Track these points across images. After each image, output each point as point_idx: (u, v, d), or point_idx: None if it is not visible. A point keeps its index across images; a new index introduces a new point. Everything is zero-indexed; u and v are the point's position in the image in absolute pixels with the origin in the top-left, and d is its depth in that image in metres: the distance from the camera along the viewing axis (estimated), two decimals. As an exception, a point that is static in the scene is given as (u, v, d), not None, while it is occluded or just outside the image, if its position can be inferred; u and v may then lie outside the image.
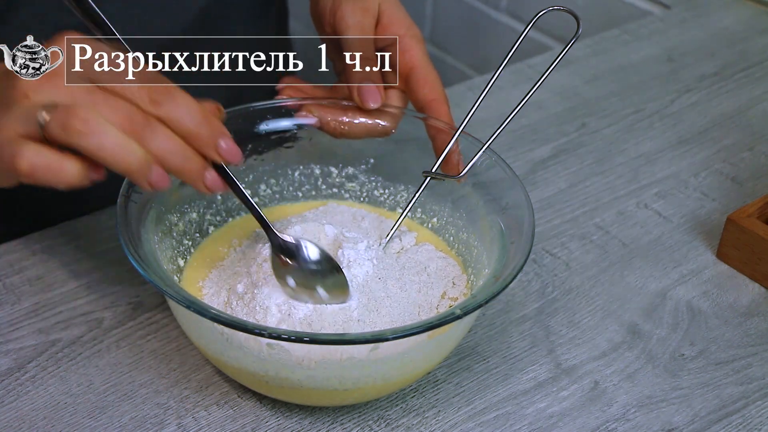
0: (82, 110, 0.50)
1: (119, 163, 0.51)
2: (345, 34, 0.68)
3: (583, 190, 0.84)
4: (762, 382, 0.67)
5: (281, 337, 0.53)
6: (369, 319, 0.61)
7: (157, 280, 0.55)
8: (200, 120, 0.53)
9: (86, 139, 0.50)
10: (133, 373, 0.64)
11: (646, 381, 0.66)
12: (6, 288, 0.70)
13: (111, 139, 0.50)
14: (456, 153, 0.67)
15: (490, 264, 0.62)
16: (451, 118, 0.68)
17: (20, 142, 0.51)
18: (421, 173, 0.67)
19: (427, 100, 0.68)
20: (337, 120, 0.69)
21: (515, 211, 0.63)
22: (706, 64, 1.04)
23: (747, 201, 0.82)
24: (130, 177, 0.52)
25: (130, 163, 0.51)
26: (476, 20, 1.53)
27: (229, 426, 0.61)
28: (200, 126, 0.53)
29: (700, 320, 0.71)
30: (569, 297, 0.73)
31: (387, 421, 0.62)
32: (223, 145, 0.54)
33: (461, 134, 0.67)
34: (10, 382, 0.63)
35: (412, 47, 0.69)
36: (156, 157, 0.52)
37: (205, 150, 0.54)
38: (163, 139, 0.52)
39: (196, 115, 0.53)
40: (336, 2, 0.69)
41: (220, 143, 0.54)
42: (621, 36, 1.09)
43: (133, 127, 0.51)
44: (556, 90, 0.98)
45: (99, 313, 0.69)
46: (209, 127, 0.53)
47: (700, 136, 0.92)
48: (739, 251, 0.75)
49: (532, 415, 0.63)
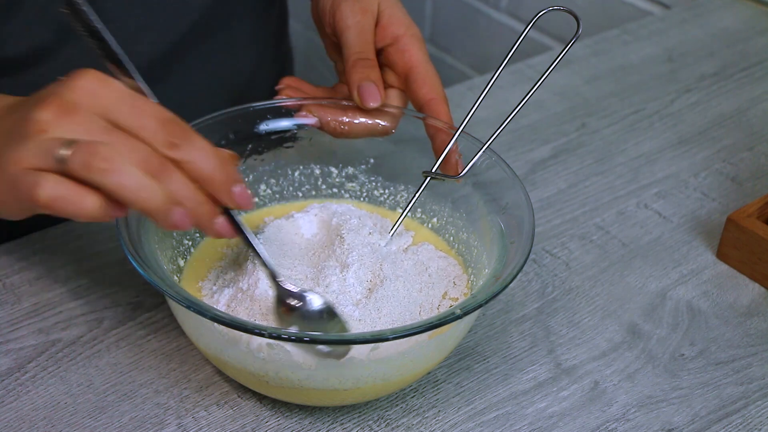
0: (103, 148, 0.50)
1: (140, 202, 0.50)
2: (344, 34, 0.69)
3: (583, 190, 0.84)
4: (762, 382, 0.67)
5: (281, 337, 0.53)
6: (369, 318, 0.61)
7: (157, 280, 0.55)
8: (216, 164, 0.53)
9: (108, 177, 0.50)
10: (133, 373, 0.64)
11: (646, 381, 0.66)
12: (6, 288, 0.70)
13: (132, 178, 0.50)
14: (455, 153, 0.67)
15: (490, 264, 0.62)
16: (450, 118, 0.68)
17: (39, 174, 0.50)
18: (421, 173, 0.67)
19: (426, 99, 0.68)
20: (337, 120, 0.69)
21: (515, 211, 0.63)
22: (706, 64, 1.04)
23: (747, 201, 0.82)
24: (151, 216, 0.52)
25: (152, 203, 0.51)
26: (476, 20, 1.53)
27: (229, 426, 0.61)
28: (216, 171, 0.53)
29: (700, 320, 0.71)
30: (569, 297, 0.73)
31: (387, 421, 0.62)
32: (237, 191, 0.54)
33: (461, 134, 0.67)
34: (10, 382, 0.63)
35: (412, 47, 0.69)
36: (170, 200, 0.52)
37: (219, 194, 0.54)
38: (178, 183, 0.51)
39: (212, 159, 0.53)
40: (335, 3, 0.69)
41: (234, 189, 0.54)
42: (621, 36, 1.09)
43: (150, 168, 0.50)
44: (556, 90, 0.98)
45: (99, 313, 0.69)
46: (225, 173, 0.53)
47: (700, 136, 0.92)
48: (739, 251, 0.75)
49: (532, 415, 0.63)
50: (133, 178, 0.50)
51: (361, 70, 0.67)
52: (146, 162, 0.50)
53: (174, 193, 0.51)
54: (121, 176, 0.50)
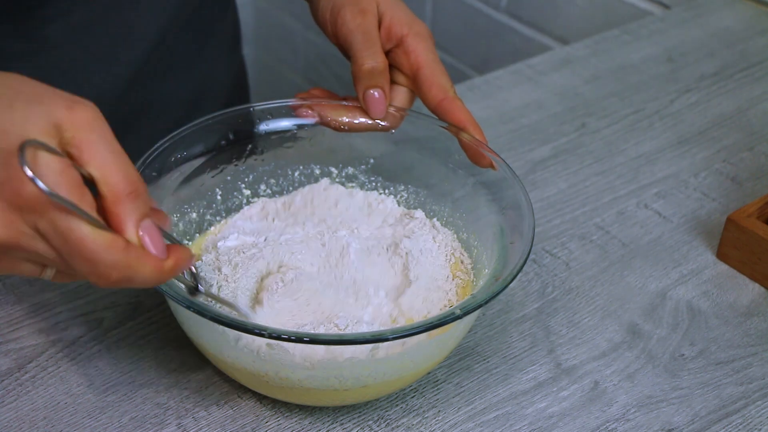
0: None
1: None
2: (348, 38, 0.68)
3: (583, 190, 0.84)
4: (762, 382, 0.67)
5: (281, 337, 0.53)
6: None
7: (157, 280, 0.55)
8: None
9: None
10: (133, 373, 0.64)
11: (646, 381, 0.66)
12: (6, 288, 0.70)
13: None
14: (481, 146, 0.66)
15: (490, 264, 0.62)
16: (465, 113, 0.67)
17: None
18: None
19: (436, 101, 0.67)
20: (337, 120, 0.69)
21: (515, 211, 0.63)
22: (706, 64, 1.04)
23: (747, 201, 0.82)
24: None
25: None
26: (476, 20, 1.53)
27: (229, 426, 0.61)
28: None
29: (700, 320, 0.71)
30: (569, 297, 0.73)
31: (387, 421, 0.62)
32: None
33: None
34: (10, 382, 0.63)
35: (417, 47, 0.68)
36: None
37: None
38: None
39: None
40: (334, 10, 0.69)
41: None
42: (621, 36, 1.09)
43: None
44: (556, 90, 0.98)
45: (99, 313, 0.69)
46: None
47: (700, 136, 0.92)
48: (739, 251, 0.75)
49: (532, 415, 0.63)
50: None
51: (368, 76, 0.67)
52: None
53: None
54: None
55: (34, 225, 0.46)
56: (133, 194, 0.47)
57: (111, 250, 0.46)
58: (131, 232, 0.47)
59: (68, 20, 0.70)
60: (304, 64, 1.93)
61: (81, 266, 0.47)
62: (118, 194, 0.47)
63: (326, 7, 0.70)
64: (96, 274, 0.47)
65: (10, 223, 0.46)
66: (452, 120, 0.67)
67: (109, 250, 0.46)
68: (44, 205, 0.45)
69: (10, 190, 0.45)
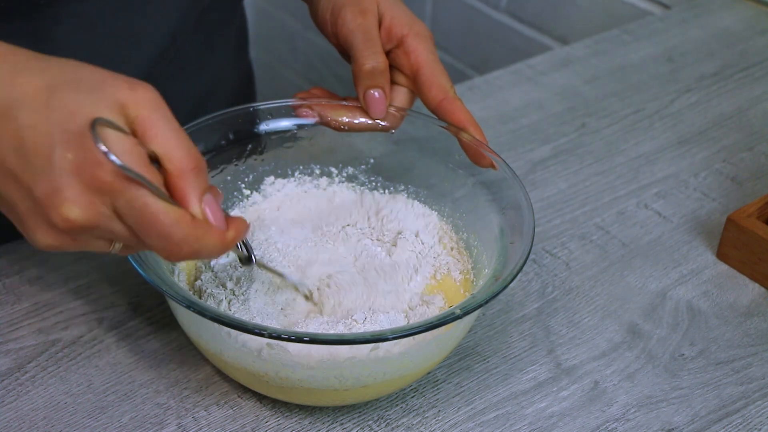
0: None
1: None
2: (348, 38, 0.68)
3: (583, 190, 0.84)
4: (762, 382, 0.67)
5: (281, 337, 0.53)
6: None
7: (157, 280, 0.55)
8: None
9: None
10: (133, 373, 0.64)
11: (646, 381, 0.66)
12: (6, 288, 0.70)
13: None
14: (481, 146, 0.66)
15: (490, 264, 0.63)
16: (465, 112, 0.67)
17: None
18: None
19: (436, 102, 0.67)
20: (337, 120, 0.69)
21: (515, 211, 0.63)
22: (706, 64, 1.04)
23: (747, 201, 0.82)
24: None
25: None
26: (476, 20, 1.53)
27: (229, 426, 0.61)
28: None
29: (700, 320, 0.71)
30: (569, 297, 0.73)
31: (387, 421, 0.62)
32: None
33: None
34: (10, 382, 0.63)
35: (417, 47, 0.68)
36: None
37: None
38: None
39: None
40: (335, 10, 0.69)
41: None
42: (621, 36, 1.09)
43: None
44: (556, 90, 0.98)
45: (99, 313, 0.69)
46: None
47: (700, 136, 0.92)
48: (739, 251, 0.75)
49: (532, 415, 0.63)
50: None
51: (369, 76, 0.67)
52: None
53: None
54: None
55: (112, 205, 0.48)
56: (196, 169, 0.49)
57: (181, 225, 0.48)
58: (195, 206, 0.49)
59: (77, 21, 0.70)
60: (304, 64, 1.93)
61: (155, 242, 0.48)
62: (182, 170, 0.48)
63: (326, 8, 0.70)
64: (167, 249, 0.49)
65: (90, 204, 0.47)
66: (452, 120, 0.67)
67: (179, 225, 0.48)
68: (122, 183, 0.46)
69: (88, 173, 0.46)
